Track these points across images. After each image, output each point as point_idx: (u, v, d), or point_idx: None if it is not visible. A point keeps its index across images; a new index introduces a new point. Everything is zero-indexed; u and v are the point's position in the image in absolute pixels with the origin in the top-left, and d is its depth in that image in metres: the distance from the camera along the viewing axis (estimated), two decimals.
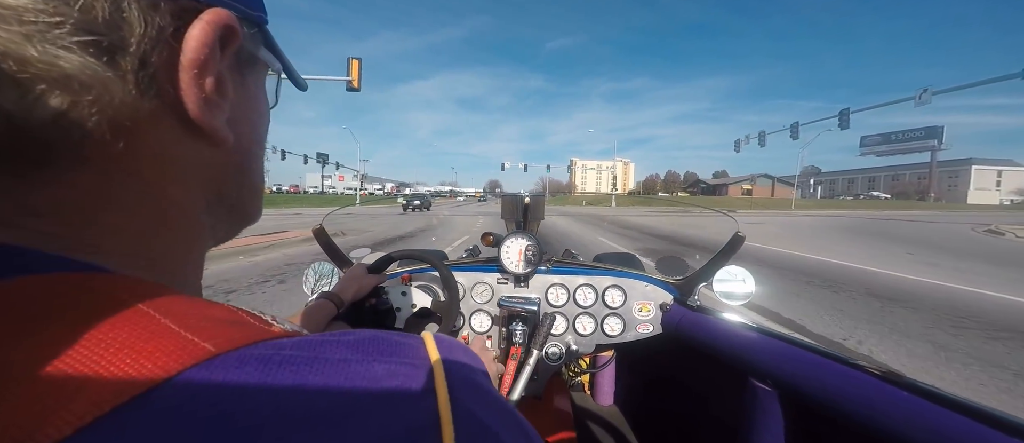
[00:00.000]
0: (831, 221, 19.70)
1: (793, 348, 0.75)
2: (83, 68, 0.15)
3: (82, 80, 0.15)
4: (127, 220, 0.19)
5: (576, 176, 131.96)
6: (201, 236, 0.24)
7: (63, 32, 0.15)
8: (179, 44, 0.19)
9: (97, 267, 0.17)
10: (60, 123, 0.15)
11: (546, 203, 1.39)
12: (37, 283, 0.15)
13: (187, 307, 0.17)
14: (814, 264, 6.96)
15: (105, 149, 0.17)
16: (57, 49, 0.15)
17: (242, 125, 0.24)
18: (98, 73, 0.16)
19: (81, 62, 0.15)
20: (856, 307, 4.30)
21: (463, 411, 0.17)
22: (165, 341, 0.15)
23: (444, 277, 0.97)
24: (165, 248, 0.21)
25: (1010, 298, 4.76)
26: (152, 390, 0.13)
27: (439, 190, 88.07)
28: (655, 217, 19.65)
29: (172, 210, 0.21)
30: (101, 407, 0.12)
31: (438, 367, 0.18)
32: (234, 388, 0.14)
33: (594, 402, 1.60)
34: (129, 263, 0.19)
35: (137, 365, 0.14)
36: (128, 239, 0.19)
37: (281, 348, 0.16)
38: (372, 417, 0.15)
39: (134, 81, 0.17)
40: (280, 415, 0.14)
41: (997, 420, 0.48)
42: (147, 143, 0.19)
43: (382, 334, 0.20)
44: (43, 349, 0.13)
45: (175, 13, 0.18)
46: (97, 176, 0.18)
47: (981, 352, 3.12)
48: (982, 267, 6.98)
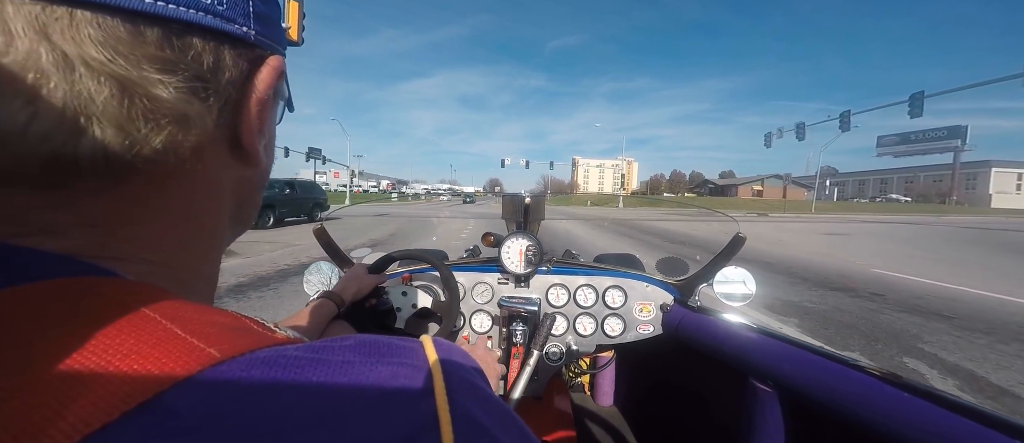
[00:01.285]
0: (911, 230, 16.26)
1: (793, 349, 0.75)
2: (192, 107, 0.19)
3: (193, 117, 0.19)
4: (164, 233, 0.21)
5: (579, 175, 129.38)
6: (221, 250, 0.27)
7: (183, 76, 0.18)
8: (251, 85, 0.22)
9: (112, 272, 0.18)
10: (163, 151, 0.18)
11: (548, 203, 1.42)
12: (48, 288, 0.16)
13: (193, 313, 0.17)
14: (997, 306, 4.57)
15: (173, 170, 0.20)
16: (181, 94, 0.18)
17: (269, 149, 0.26)
18: (201, 112, 0.19)
19: (192, 102, 0.18)
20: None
21: (461, 412, 0.17)
22: (171, 347, 0.15)
23: (444, 277, 0.98)
24: (191, 260, 0.23)
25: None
26: (161, 395, 0.13)
27: (415, 190, 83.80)
28: (679, 221, 17.11)
29: (206, 221, 0.24)
30: (110, 413, 0.13)
31: (437, 369, 0.19)
32: (240, 392, 0.14)
33: (594, 402, 1.60)
34: (153, 272, 0.20)
35: (145, 371, 0.14)
36: (161, 250, 0.21)
37: (285, 353, 0.17)
38: (373, 418, 0.15)
39: (216, 115, 0.20)
40: (285, 418, 0.14)
41: (997, 420, 0.48)
42: (205, 165, 0.21)
43: (382, 337, 0.20)
44: (51, 352, 0.14)
45: (251, 59, 0.22)
46: (153, 191, 0.20)
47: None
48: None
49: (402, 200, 28.35)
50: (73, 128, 0.16)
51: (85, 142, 0.16)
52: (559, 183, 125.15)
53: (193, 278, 0.23)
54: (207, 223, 0.24)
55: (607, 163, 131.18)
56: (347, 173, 41.33)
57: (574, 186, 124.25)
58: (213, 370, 0.15)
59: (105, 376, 0.13)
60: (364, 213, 17.37)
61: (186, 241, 0.22)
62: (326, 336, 0.72)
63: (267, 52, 0.23)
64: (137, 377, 0.14)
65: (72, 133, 0.16)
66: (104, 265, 0.18)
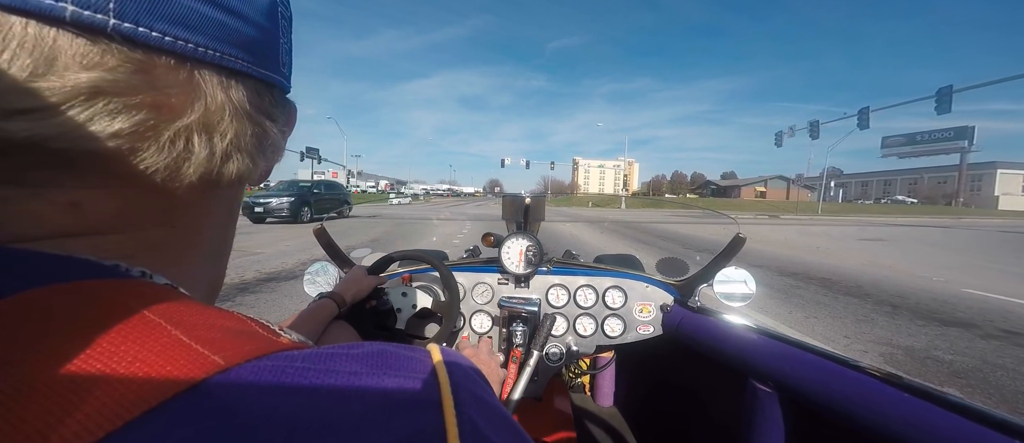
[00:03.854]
0: (943, 234, 15.05)
1: (793, 349, 0.75)
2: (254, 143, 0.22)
3: (251, 152, 0.22)
4: (174, 235, 0.22)
5: (579, 176, 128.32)
6: (228, 249, 0.28)
7: (265, 117, 0.23)
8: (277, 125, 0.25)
9: (117, 272, 0.18)
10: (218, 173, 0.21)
11: (548, 204, 1.36)
12: (52, 293, 0.16)
13: (198, 317, 0.17)
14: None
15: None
16: (255, 135, 0.22)
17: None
18: (254, 158, 0.23)
19: (253, 140, 0.22)
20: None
21: (468, 424, 0.17)
22: (175, 354, 0.15)
23: (444, 277, 0.98)
24: (200, 261, 0.24)
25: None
26: (165, 404, 0.13)
27: (414, 190, 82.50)
28: (690, 224, 15.92)
29: (218, 231, 0.26)
30: (113, 422, 0.13)
31: (445, 382, 0.19)
32: (245, 402, 0.14)
33: (594, 403, 1.60)
34: (164, 273, 0.21)
35: (148, 380, 0.14)
36: (170, 252, 0.22)
37: (292, 360, 0.17)
38: (379, 430, 0.15)
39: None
40: (289, 429, 0.14)
41: (996, 421, 0.48)
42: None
43: (390, 347, 0.20)
44: (53, 360, 0.14)
45: (286, 111, 0.26)
46: (161, 198, 0.20)
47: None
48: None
49: (400, 199, 27.97)
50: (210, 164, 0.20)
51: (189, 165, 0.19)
52: (560, 184, 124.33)
53: (199, 280, 0.24)
54: (216, 229, 0.25)
55: (608, 164, 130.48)
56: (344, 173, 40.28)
57: (575, 187, 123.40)
58: (218, 378, 0.15)
59: (108, 385, 0.13)
60: (357, 214, 16.95)
61: (193, 245, 0.23)
62: (326, 337, 0.73)
63: (290, 102, 0.27)
64: (140, 386, 0.14)
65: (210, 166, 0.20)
66: (108, 266, 0.18)
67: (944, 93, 19.71)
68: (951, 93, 19.52)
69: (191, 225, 0.23)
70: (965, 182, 69.26)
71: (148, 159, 0.18)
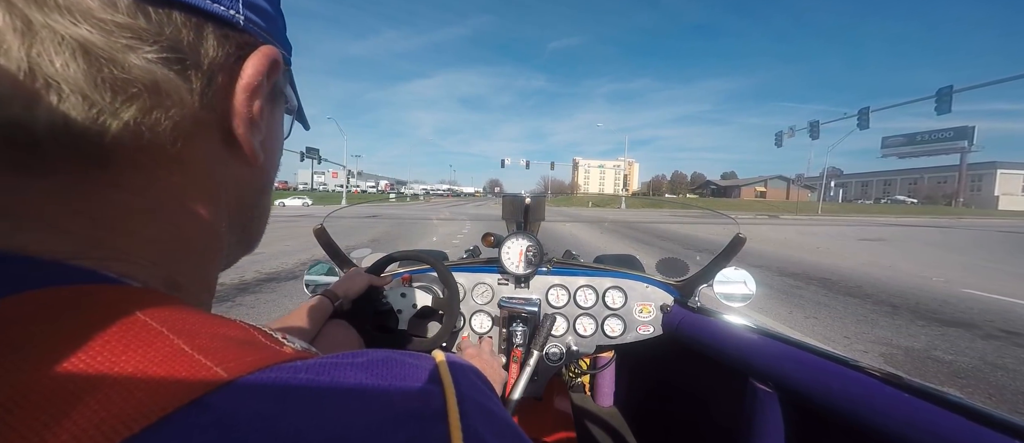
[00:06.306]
0: (942, 234, 15.05)
1: (793, 349, 0.75)
2: (168, 79, 0.18)
3: (167, 89, 0.18)
4: (160, 231, 0.21)
5: (579, 176, 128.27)
6: (219, 253, 0.26)
7: (157, 47, 0.18)
8: (239, 70, 0.22)
9: (114, 279, 0.18)
10: (138, 125, 0.18)
11: (548, 204, 1.40)
12: (44, 298, 0.15)
13: (199, 325, 0.17)
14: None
15: (158, 155, 0.19)
16: (153, 64, 0.17)
17: (269, 150, 0.26)
18: (178, 85, 0.19)
19: (166, 74, 0.18)
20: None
21: (473, 434, 0.17)
22: (177, 365, 0.15)
23: (444, 278, 0.98)
24: (188, 262, 0.23)
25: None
26: (166, 418, 0.13)
27: (414, 190, 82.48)
28: (692, 224, 15.92)
29: (200, 224, 0.23)
30: (111, 438, 0.12)
31: (450, 392, 0.19)
32: (246, 416, 0.14)
33: (594, 403, 1.60)
34: (154, 274, 0.20)
35: (149, 392, 0.13)
36: (157, 250, 0.20)
37: (296, 371, 0.16)
38: (385, 441, 0.15)
39: (200, 96, 0.20)
40: (294, 441, 0.14)
41: (996, 421, 0.48)
42: (194, 154, 0.21)
43: (395, 355, 0.20)
44: (48, 373, 0.13)
45: (239, 44, 0.22)
46: (142, 183, 0.19)
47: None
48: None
49: (400, 200, 28.44)
50: (29, 94, 0.15)
51: (42, 109, 0.15)
52: (560, 184, 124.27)
53: (189, 282, 0.22)
54: (203, 222, 0.23)
55: (608, 164, 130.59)
56: (344, 173, 40.26)
57: (575, 187, 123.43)
58: (220, 391, 0.14)
59: (106, 399, 0.13)
60: (357, 214, 16.72)
61: (181, 240, 0.22)
62: (323, 336, 0.72)
63: (258, 41, 0.23)
64: (140, 400, 0.13)
65: (29, 99, 0.15)
66: (99, 267, 0.18)
67: (944, 93, 19.70)
68: (951, 93, 19.62)
69: (183, 224, 0.22)
70: (965, 182, 69.25)
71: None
